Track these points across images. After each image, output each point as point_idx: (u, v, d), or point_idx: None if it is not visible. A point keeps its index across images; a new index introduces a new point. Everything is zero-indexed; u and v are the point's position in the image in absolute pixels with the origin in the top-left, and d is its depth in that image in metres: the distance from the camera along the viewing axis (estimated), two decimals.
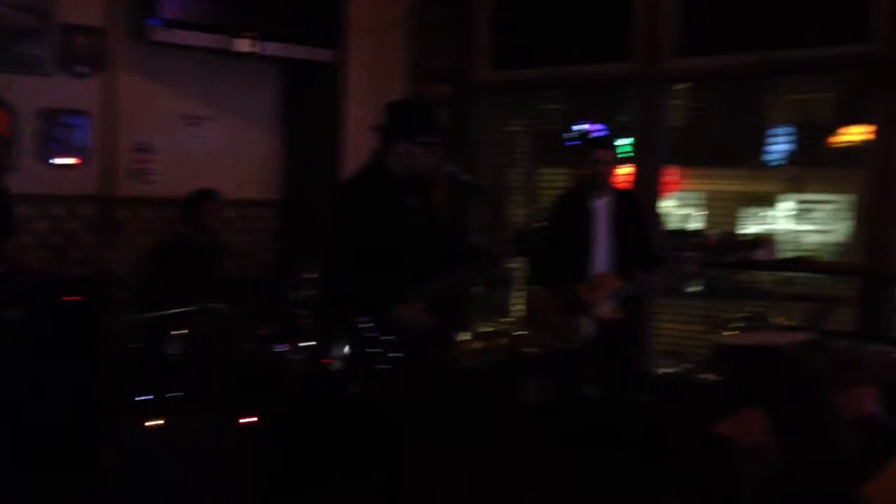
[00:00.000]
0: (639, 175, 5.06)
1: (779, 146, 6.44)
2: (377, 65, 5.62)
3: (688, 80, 5.06)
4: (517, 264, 5.40)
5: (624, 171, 5.10)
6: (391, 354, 3.11)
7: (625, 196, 4.23)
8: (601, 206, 4.13)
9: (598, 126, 5.91)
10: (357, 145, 5.19)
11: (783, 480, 2.45)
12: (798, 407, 3.22)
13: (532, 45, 5.57)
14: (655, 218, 4.86)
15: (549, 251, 4.15)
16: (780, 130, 6.60)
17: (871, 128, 4.35)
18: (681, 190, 7.03)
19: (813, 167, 6.63)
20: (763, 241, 4.75)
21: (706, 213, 7.00)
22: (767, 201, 7.48)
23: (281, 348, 4.21)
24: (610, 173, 4.14)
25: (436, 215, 3.54)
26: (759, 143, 6.39)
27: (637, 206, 4.28)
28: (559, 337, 4.14)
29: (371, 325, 3.12)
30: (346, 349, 3.17)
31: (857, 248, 4.50)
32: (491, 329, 5.55)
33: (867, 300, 4.30)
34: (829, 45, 4.45)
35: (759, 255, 4.68)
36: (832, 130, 5.60)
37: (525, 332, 5.10)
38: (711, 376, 4.31)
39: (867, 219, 4.39)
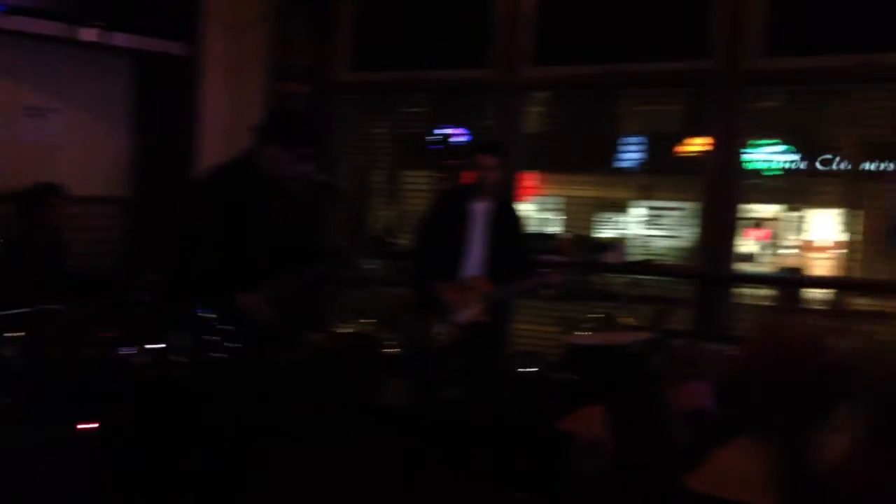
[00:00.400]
0: None
1: (630, 154, 6.71)
2: (235, 61, 5.50)
3: (545, 88, 5.21)
4: (378, 265, 5.40)
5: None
6: (228, 344, 3.09)
7: (503, 202, 4.29)
8: (480, 209, 4.17)
9: (460, 130, 5.99)
10: (212, 142, 5.06)
11: (617, 472, 2.55)
12: (635, 402, 3.37)
13: (394, 48, 5.59)
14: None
15: (423, 250, 4.18)
16: (631, 139, 6.89)
17: (710, 139, 4.60)
18: (539, 195, 7.21)
19: (661, 175, 6.94)
20: (612, 245, 4.94)
21: (563, 217, 7.20)
22: (620, 207, 7.78)
23: (126, 351, 4.05)
24: (493, 178, 4.18)
25: (295, 215, 3.52)
26: (612, 151, 6.64)
27: (514, 213, 4.37)
28: (422, 337, 4.16)
29: (212, 314, 3.10)
30: (182, 338, 3.12)
31: (699, 252, 4.75)
32: (350, 329, 5.52)
33: (704, 301, 4.54)
34: (673, 61, 4.68)
35: (609, 258, 4.87)
36: (679, 140, 5.89)
37: (386, 333, 5.10)
38: (564, 375, 4.44)
39: (705, 224, 4.64)
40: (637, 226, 7.24)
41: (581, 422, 2.60)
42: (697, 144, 5.01)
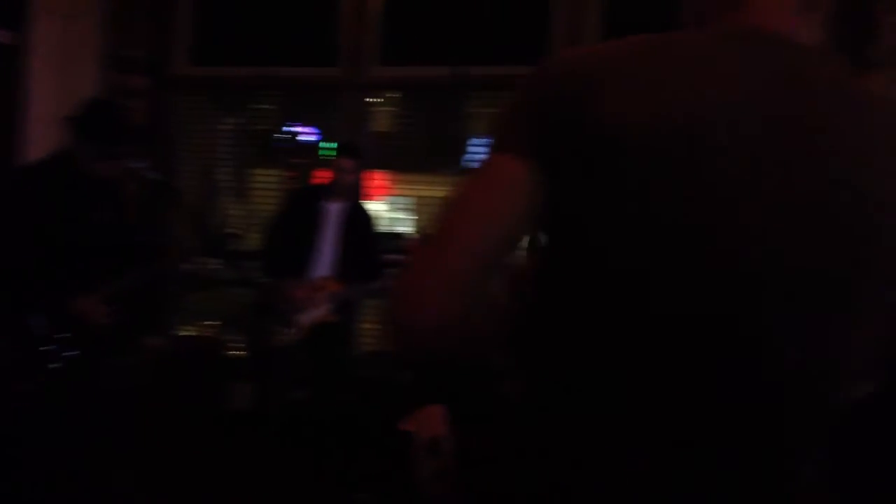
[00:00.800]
0: None
1: (479, 155, 6.82)
2: (66, 51, 5.19)
3: (392, 88, 5.22)
4: (222, 265, 5.25)
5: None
6: (65, 353, 2.93)
7: (356, 203, 4.28)
8: (333, 210, 4.14)
9: (310, 129, 5.92)
10: (38, 135, 4.77)
11: (457, 471, 2.58)
12: (476, 398, 3.44)
13: (239, 42, 5.45)
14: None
15: (272, 249, 4.11)
16: (479, 141, 7.02)
17: None
18: (389, 195, 7.22)
19: None
20: None
21: (414, 217, 7.25)
22: None
23: None
24: (350, 181, 4.16)
25: (124, 213, 3.37)
26: (461, 152, 6.73)
27: (367, 214, 4.36)
28: (267, 338, 4.09)
29: (44, 321, 2.92)
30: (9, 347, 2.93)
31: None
32: (192, 332, 5.35)
33: None
34: (516, 64, 4.80)
35: None
36: None
37: (230, 335, 4.98)
38: (410, 374, 4.47)
39: None
40: None
41: (421, 421, 2.61)
42: None
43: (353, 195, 4.20)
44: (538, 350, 1.03)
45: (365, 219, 4.29)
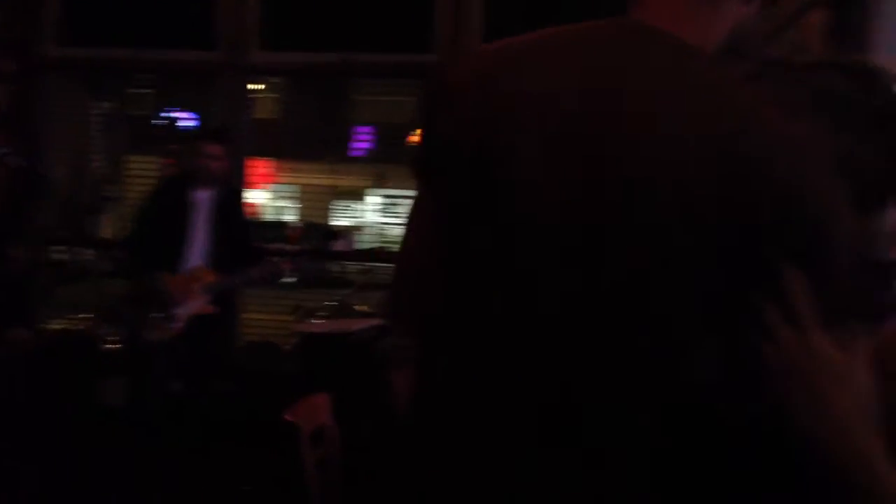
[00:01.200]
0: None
1: (365, 143, 6.81)
2: None
3: (274, 73, 5.13)
4: (94, 255, 5.05)
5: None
6: None
7: (228, 190, 4.16)
8: (203, 198, 4.02)
9: (188, 114, 5.75)
10: None
11: (342, 459, 2.58)
12: (361, 388, 3.44)
13: (112, 21, 5.22)
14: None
15: (141, 239, 3.97)
16: (365, 128, 7.00)
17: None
18: (273, 182, 7.08)
19: (395, 164, 7.10)
20: (343, 233, 4.99)
21: (299, 205, 7.14)
22: (356, 195, 7.86)
23: None
24: (218, 168, 4.03)
25: None
26: (346, 140, 6.67)
27: (239, 201, 4.26)
28: (143, 331, 3.97)
29: None
30: None
31: None
32: (63, 325, 5.12)
33: None
34: (401, 53, 4.80)
35: (339, 246, 4.92)
36: (410, 130, 6.04)
37: (104, 328, 4.80)
38: (295, 364, 4.43)
39: None
40: (373, 214, 7.36)
41: (306, 411, 2.60)
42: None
43: (223, 182, 4.10)
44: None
45: (236, 205, 4.20)
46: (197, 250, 4.01)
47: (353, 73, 4.97)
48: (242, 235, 4.16)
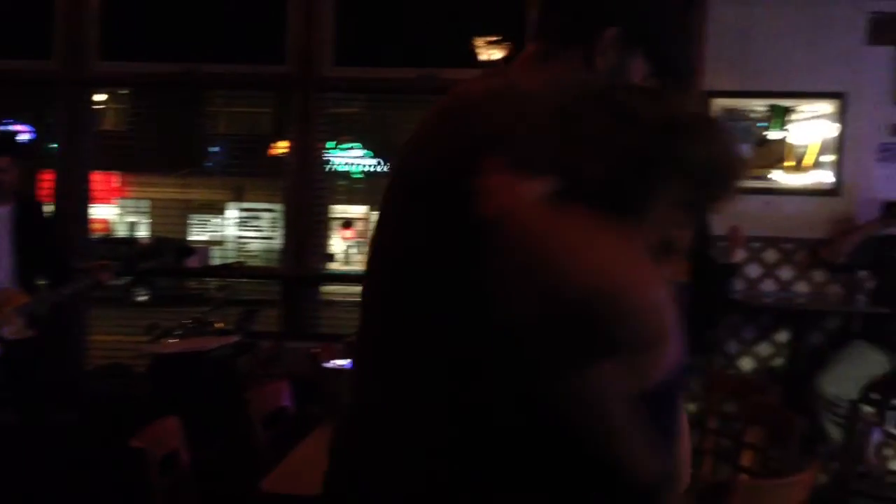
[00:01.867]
0: (64, 181, 4.74)
1: (222, 156, 6.63)
2: None
3: (118, 84, 4.92)
4: None
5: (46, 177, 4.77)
6: None
7: (27, 204, 3.90)
8: (1, 215, 3.76)
9: (23, 127, 5.43)
10: None
11: (194, 483, 2.49)
12: (215, 408, 3.34)
13: None
14: (77, 225, 4.65)
15: None
16: (223, 141, 6.82)
17: (290, 142, 4.71)
18: (122, 197, 6.80)
19: (254, 177, 6.96)
20: (195, 248, 4.84)
21: (150, 220, 6.88)
22: (213, 209, 7.65)
23: None
24: (8, 180, 3.75)
25: None
26: (202, 153, 6.48)
27: (42, 214, 4.00)
28: None
29: None
30: None
31: (288, 252, 4.84)
32: None
33: (291, 301, 4.64)
34: (254, 64, 4.72)
35: (191, 262, 4.76)
36: (268, 143, 5.94)
37: None
38: (146, 386, 4.25)
39: (291, 226, 4.74)
40: (231, 228, 7.19)
41: (155, 436, 2.49)
42: (282, 147, 5.12)
43: (19, 195, 3.84)
44: None
45: (38, 220, 3.94)
46: (1, 271, 3.75)
47: (200, 83, 4.84)
48: (49, 250, 3.91)
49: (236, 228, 7.09)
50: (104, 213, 5.28)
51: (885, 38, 4.28)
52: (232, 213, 7.65)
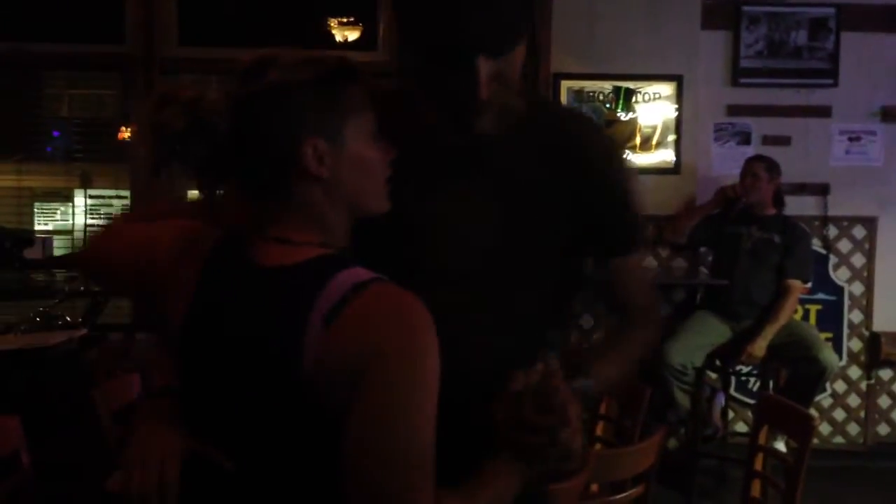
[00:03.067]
0: None
1: (65, 141, 6.28)
2: None
3: None
4: None
5: None
6: None
7: None
8: None
9: None
10: None
11: (35, 485, 2.36)
12: (59, 405, 3.18)
13: None
14: None
15: None
16: (65, 124, 6.45)
17: (134, 126, 4.52)
18: None
19: (101, 163, 6.63)
20: (34, 238, 4.57)
21: None
22: (58, 196, 7.25)
23: None
24: None
25: None
26: (44, 137, 6.12)
27: None
28: None
29: None
30: None
31: None
32: None
33: None
34: (92, 43, 4.49)
35: (32, 252, 4.50)
36: (115, 127, 5.66)
37: None
38: None
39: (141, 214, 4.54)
40: (79, 216, 6.86)
41: None
42: (129, 132, 4.90)
43: None
44: None
45: None
46: None
47: (31, 63, 4.56)
48: None
49: (85, 216, 6.75)
50: None
51: (718, 24, 4.52)
52: (79, 200, 7.26)
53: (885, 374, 4.71)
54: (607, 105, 4.48)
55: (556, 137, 1.32)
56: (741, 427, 4.55)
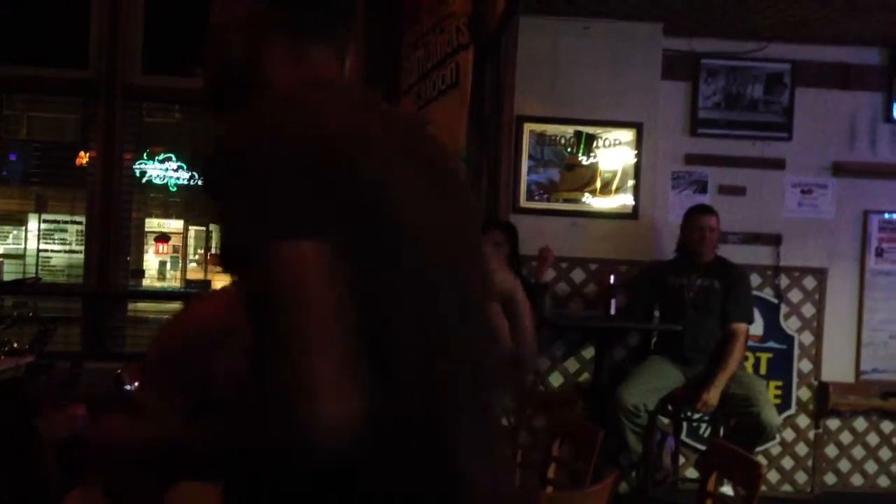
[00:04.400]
0: None
1: (21, 164, 6.19)
2: None
3: None
4: None
5: None
6: None
7: None
8: None
9: None
10: None
11: None
12: (2, 435, 3.10)
13: None
14: None
15: None
16: (23, 147, 6.36)
17: (95, 151, 4.47)
18: None
19: (59, 187, 6.54)
20: None
21: None
22: (11, 220, 7.12)
23: None
24: None
25: None
26: (0, 159, 6.04)
27: None
28: None
29: None
30: None
31: (92, 267, 4.57)
32: None
33: (93, 319, 4.39)
34: (56, 67, 4.46)
35: None
36: (73, 151, 5.60)
37: None
38: None
39: (95, 239, 4.49)
40: (32, 240, 6.73)
41: None
42: (88, 156, 4.86)
43: None
44: None
45: None
46: None
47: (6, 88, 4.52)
48: None
49: (38, 241, 6.61)
50: None
51: (678, 74, 4.63)
52: (33, 225, 7.14)
53: (833, 423, 4.78)
54: (568, 149, 4.55)
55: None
56: (691, 473, 4.58)
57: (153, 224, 9.81)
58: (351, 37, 1.21)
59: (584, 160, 4.56)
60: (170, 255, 10.57)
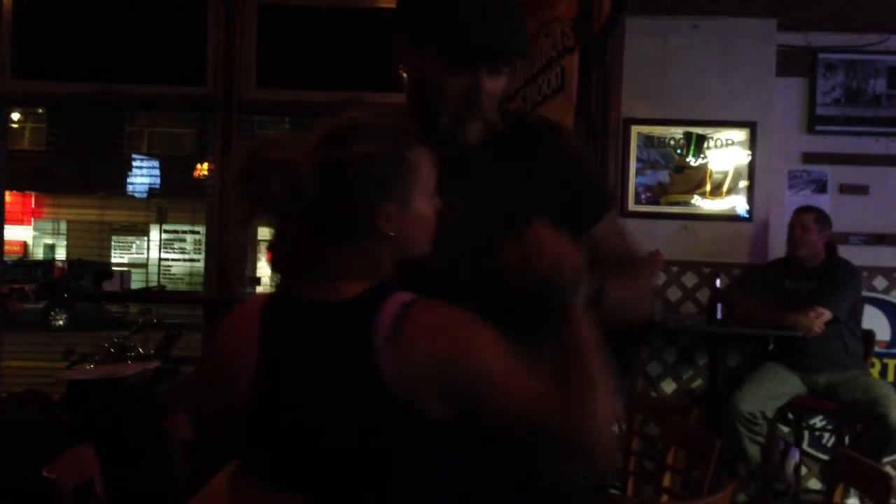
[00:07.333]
0: None
1: (144, 177, 6.51)
2: None
3: (31, 103, 4.80)
4: None
5: None
6: None
7: None
8: None
9: None
10: None
11: None
12: (133, 436, 3.25)
13: None
14: None
15: None
16: (145, 161, 6.69)
17: (213, 164, 4.66)
18: (39, 218, 6.64)
19: (178, 199, 6.84)
20: (112, 271, 4.73)
21: (68, 242, 6.71)
22: (135, 230, 7.50)
23: None
24: None
25: None
26: (123, 173, 6.36)
27: None
28: None
29: None
30: None
31: (211, 276, 4.76)
32: None
33: (211, 326, 4.57)
34: (175, 84, 4.66)
35: (110, 285, 4.65)
36: (191, 164, 5.85)
37: None
38: (62, 415, 4.11)
39: (212, 249, 4.67)
40: (154, 250, 7.06)
41: (68, 466, 2.41)
42: (206, 169, 5.06)
43: None
44: None
45: None
46: None
47: (117, 104, 4.75)
48: None
49: (159, 251, 6.94)
50: (19, 234, 5.11)
51: (793, 70, 4.47)
52: (155, 235, 7.49)
53: None
54: (678, 150, 4.46)
55: (526, 141, 1.50)
56: (814, 484, 4.40)
57: (264, 233, 10.11)
58: None
59: (693, 161, 4.46)
60: None
